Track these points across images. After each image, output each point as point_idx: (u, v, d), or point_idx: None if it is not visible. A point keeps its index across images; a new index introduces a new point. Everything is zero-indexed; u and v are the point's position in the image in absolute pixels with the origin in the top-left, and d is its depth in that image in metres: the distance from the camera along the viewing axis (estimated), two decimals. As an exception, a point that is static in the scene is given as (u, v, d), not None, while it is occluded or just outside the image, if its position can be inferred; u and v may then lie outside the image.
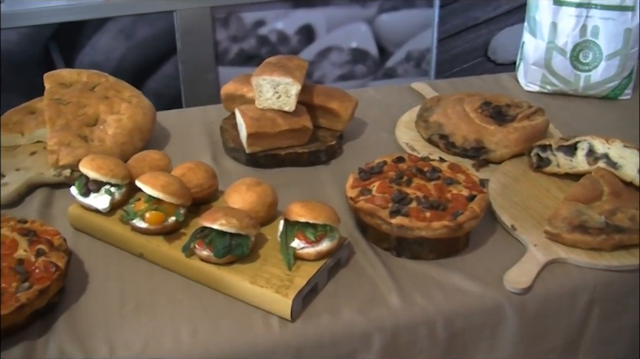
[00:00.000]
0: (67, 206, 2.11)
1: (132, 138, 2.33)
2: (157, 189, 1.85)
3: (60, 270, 1.72)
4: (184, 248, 1.81)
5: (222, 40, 3.78)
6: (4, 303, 1.63)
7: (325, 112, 2.44)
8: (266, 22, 3.83)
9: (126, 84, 2.52)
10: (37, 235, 1.82)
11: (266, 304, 1.73)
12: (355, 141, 2.53)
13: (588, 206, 1.98)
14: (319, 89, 2.47)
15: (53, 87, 2.46)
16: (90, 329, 1.71)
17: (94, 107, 2.38)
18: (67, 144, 2.24)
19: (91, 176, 1.96)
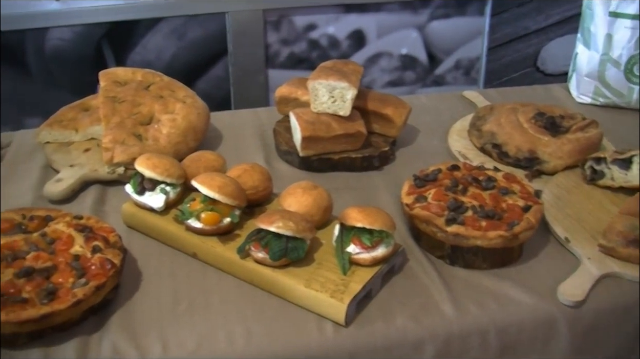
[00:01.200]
0: (120, 203, 2.11)
1: (186, 138, 2.33)
2: (214, 190, 1.84)
3: (116, 267, 1.72)
4: (239, 249, 1.81)
5: (272, 43, 3.78)
6: (60, 297, 1.63)
7: (379, 118, 2.43)
8: (317, 26, 3.83)
9: (180, 84, 2.53)
10: (93, 232, 1.83)
11: (320, 309, 1.72)
12: (408, 147, 2.52)
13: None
14: (373, 94, 2.46)
15: (108, 84, 2.47)
16: (144, 327, 1.71)
17: (149, 106, 2.39)
18: (122, 142, 2.25)
19: (147, 175, 1.96)
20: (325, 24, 3.83)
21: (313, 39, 3.85)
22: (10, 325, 1.58)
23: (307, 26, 3.80)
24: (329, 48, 3.89)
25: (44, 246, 1.79)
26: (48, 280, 1.69)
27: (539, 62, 4.34)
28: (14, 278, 1.68)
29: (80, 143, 2.43)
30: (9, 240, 1.82)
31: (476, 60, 4.20)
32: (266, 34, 3.74)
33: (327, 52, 3.88)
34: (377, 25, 3.93)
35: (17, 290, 1.65)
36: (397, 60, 4.06)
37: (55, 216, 1.91)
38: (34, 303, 1.62)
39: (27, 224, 1.88)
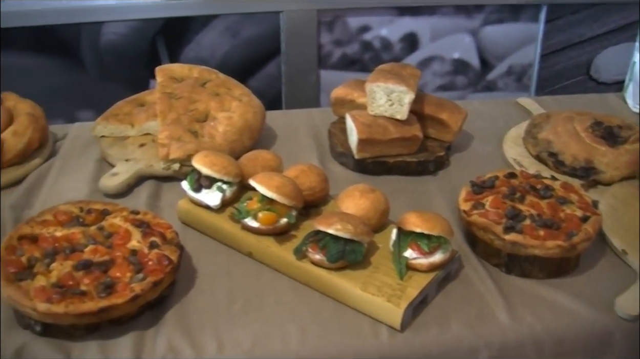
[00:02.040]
0: (174, 199, 2.12)
1: (242, 136, 2.33)
2: (272, 190, 1.84)
3: (173, 264, 1.72)
4: (296, 250, 1.81)
5: (325, 43, 3.78)
6: (118, 292, 1.64)
7: (435, 122, 2.42)
8: (371, 28, 3.82)
9: (236, 82, 2.53)
10: (150, 227, 1.83)
11: (376, 313, 1.72)
12: (462, 153, 2.50)
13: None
14: (429, 99, 2.45)
15: (164, 80, 2.48)
16: (199, 324, 1.71)
17: (205, 103, 2.39)
18: (178, 138, 2.26)
19: (204, 172, 1.97)
20: (378, 26, 3.82)
21: (366, 41, 3.84)
22: (69, 317, 1.59)
23: (361, 28, 3.79)
24: (381, 50, 3.88)
25: (102, 240, 1.80)
26: (106, 273, 1.69)
27: (592, 70, 4.30)
28: (73, 271, 1.69)
29: (135, 138, 2.44)
30: (67, 232, 1.83)
31: (528, 67, 4.16)
32: (319, 34, 3.73)
33: (380, 54, 3.87)
34: (431, 29, 3.91)
35: (76, 282, 1.66)
36: (449, 65, 4.04)
37: (112, 211, 1.92)
38: (92, 296, 1.63)
39: (84, 217, 1.89)
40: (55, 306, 1.59)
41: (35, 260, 1.73)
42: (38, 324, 1.64)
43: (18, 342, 1.66)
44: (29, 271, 1.70)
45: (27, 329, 1.68)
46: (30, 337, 1.67)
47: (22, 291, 1.63)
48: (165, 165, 2.23)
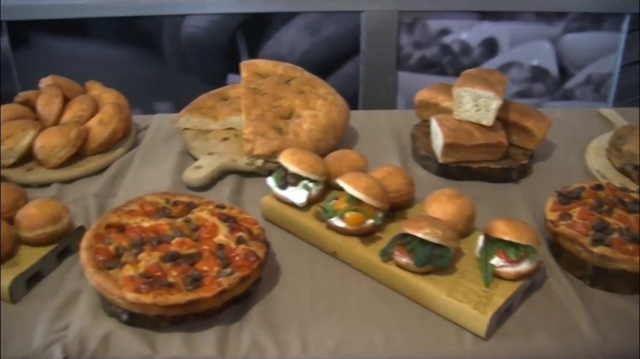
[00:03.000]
0: (256, 195, 2.13)
1: (326, 135, 2.33)
2: (360, 190, 1.83)
3: (260, 260, 1.72)
4: (382, 252, 1.79)
5: (405, 45, 3.76)
6: (205, 285, 1.64)
7: (519, 130, 2.39)
8: (451, 31, 3.79)
9: (320, 80, 2.53)
10: (237, 222, 1.83)
11: (461, 319, 1.70)
12: (544, 162, 2.47)
13: None
14: (515, 106, 2.42)
15: (249, 76, 2.48)
16: (283, 322, 1.70)
17: (290, 100, 2.39)
18: (262, 134, 2.26)
19: (291, 169, 1.96)
20: (458, 29, 3.79)
21: (445, 44, 3.82)
22: (156, 308, 1.60)
23: (441, 31, 3.77)
24: (460, 54, 3.85)
25: (188, 233, 1.81)
26: (193, 266, 1.70)
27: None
28: (160, 262, 1.69)
29: (218, 132, 2.45)
30: (154, 223, 1.83)
31: (608, 77, 4.10)
32: (399, 36, 3.71)
33: (458, 58, 3.85)
34: (510, 34, 3.87)
35: (163, 274, 1.66)
36: (527, 71, 3.99)
37: (198, 204, 1.92)
38: (179, 288, 1.63)
39: (170, 209, 1.90)
40: (143, 296, 1.59)
41: (123, 249, 1.74)
42: (125, 313, 1.65)
43: (104, 329, 1.67)
44: (116, 260, 1.71)
45: (112, 316, 1.69)
46: (116, 325, 1.68)
47: (111, 279, 1.64)
48: (249, 160, 2.24)
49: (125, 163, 2.38)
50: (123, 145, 2.45)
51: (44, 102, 2.45)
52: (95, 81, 2.67)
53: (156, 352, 1.62)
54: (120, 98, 2.53)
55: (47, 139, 2.30)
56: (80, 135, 2.32)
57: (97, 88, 2.61)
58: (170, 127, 2.57)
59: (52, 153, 2.29)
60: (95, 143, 2.36)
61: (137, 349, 1.63)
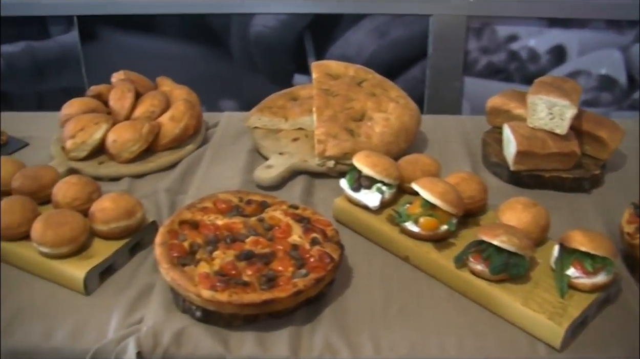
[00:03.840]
0: (327, 197, 2.13)
1: (398, 138, 2.32)
2: (435, 195, 1.82)
3: (335, 262, 1.72)
4: (456, 258, 1.78)
5: (472, 50, 3.73)
6: (280, 286, 1.64)
7: (592, 139, 2.36)
8: (519, 38, 3.75)
9: (392, 84, 2.52)
10: (311, 223, 1.83)
11: (535, 329, 1.67)
12: (616, 172, 2.43)
13: None
14: (588, 115, 2.39)
15: (321, 77, 2.48)
16: (356, 325, 1.70)
17: (362, 103, 2.38)
18: (334, 136, 2.25)
19: (365, 172, 1.96)
20: (527, 36, 3.75)
21: (513, 50, 3.78)
22: (231, 306, 1.60)
23: (509, 37, 3.73)
24: (527, 61, 3.81)
25: (262, 232, 1.81)
26: (267, 266, 1.70)
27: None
28: (235, 260, 1.69)
29: (288, 131, 2.46)
30: (228, 221, 1.84)
31: (677, 88, 4.03)
32: (467, 41, 3.69)
33: (526, 65, 3.80)
34: (579, 42, 3.82)
35: (238, 272, 1.67)
36: (595, 80, 3.94)
37: (271, 203, 1.92)
38: (254, 287, 1.63)
39: (244, 207, 1.90)
40: (219, 294, 1.60)
41: (197, 246, 1.75)
42: (199, 310, 1.65)
43: (177, 325, 1.67)
44: (191, 256, 1.72)
45: (185, 313, 1.70)
46: (189, 321, 1.68)
47: (187, 276, 1.65)
48: (320, 161, 2.23)
49: (196, 160, 2.40)
50: (193, 142, 2.46)
51: (116, 97, 2.47)
52: (166, 77, 2.68)
53: (229, 351, 1.62)
54: (192, 95, 2.54)
55: (119, 133, 2.32)
56: (152, 131, 2.34)
57: (167, 84, 2.63)
58: (239, 125, 2.58)
59: (124, 148, 2.30)
60: (167, 139, 2.38)
61: (210, 347, 1.63)
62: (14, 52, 4.04)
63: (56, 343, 1.69)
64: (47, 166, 2.16)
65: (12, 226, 1.89)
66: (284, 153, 2.31)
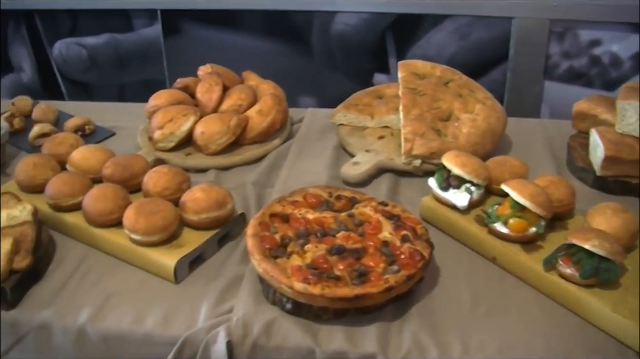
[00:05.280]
0: (413, 195, 2.14)
1: (484, 140, 2.31)
2: (525, 197, 1.82)
3: (425, 260, 1.72)
4: (546, 261, 1.77)
5: (553, 54, 3.70)
6: (372, 281, 1.65)
7: (681, 147, 2.33)
8: (602, 43, 3.71)
9: (479, 85, 2.52)
10: (401, 221, 1.84)
11: (624, 336, 1.66)
12: (701, 181, 2.39)
13: None
14: (677, 122, 2.36)
15: (407, 76, 2.49)
16: (443, 323, 1.70)
17: (448, 103, 2.38)
18: (421, 135, 2.26)
19: (455, 171, 1.96)
20: (609, 41, 3.71)
21: (595, 55, 3.74)
22: (323, 299, 1.61)
23: (592, 41, 3.69)
24: (609, 66, 3.76)
25: (353, 227, 1.82)
26: (359, 261, 1.71)
27: None
28: (327, 254, 1.71)
29: (373, 129, 2.47)
30: (318, 215, 1.85)
31: None
32: (549, 44, 3.66)
33: (608, 70, 3.76)
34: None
35: (330, 266, 1.68)
36: (678, 89, 3.88)
37: (360, 199, 1.94)
38: (346, 282, 1.65)
39: (333, 202, 1.92)
40: (311, 287, 1.61)
41: (289, 239, 1.77)
42: (289, 302, 1.67)
43: (267, 316, 1.70)
44: (282, 249, 1.74)
45: (275, 304, 1.72)
46: (279, 313, 1.70)
47: (279, 268, 1.67)
48: (406, 160, 2.24)
49: (282, 154, 2.42)
50: (279, 137, 2.48)
51: (203, 90, 2.50)
52: (251, 71, 2.71)
53: (318, 344, 1.64)
54: (278, 89, 2.57)
55: (207, 126, 2.35)
56: (240, 124, 2.37)
57: (254, 78, 2.66)
58: (323, 121, 2.60)
59: (212, 140, 2.33)
60: (254, 133, 2.40)
61: (299, 339, 1.65)
62: (97, 44, 4.11)
63: (146, 329, 1.72)
64: (137, 155, 2.20)
65: (104, 213, 1.93)
66: (370, 151, 2.32)
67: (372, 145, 2.36)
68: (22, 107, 2.83)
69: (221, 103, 2.47)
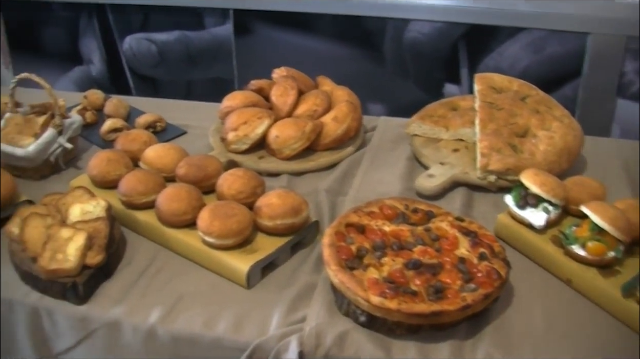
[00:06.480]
0: (487, 211, 2.12)
1: (561, 158, 2.28)
2: (606, 220, 1.79)
3: (502, 279, 1.71)
4: (624, 287, 1.74)
5: (628, 71, 3.65)
6: (449, 298, 1.63)
7: None
8: (678, 62, 3.66)
9: (556, 102, 2.48)
10: (479, 238, 1.82)
11: None
12: None
13: None
14: None
15: (484, 89, 2.46)
16: (518, 344, 1.68)
17: (525, 119, 2.35)
18: (498, 150, 2.23)
19: (533, 190, 1.94)
20: (686, 60, 3.66)
21: (671, 75, 3.68)
22: (399, 314, 1.60)
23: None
24: (683, 85, 3.71)
25: (429, 242, 1.81)
26: (435, 277, 1.69)
27: None
28: (404, 268, 1.69)
29: (448, 142, 2.44)
30: (395, 228, 1.84)
31: None
32: (624, 62, 3.60)
33: (681, 89, 3.71)
34: None
35: (406, 281, 1.67)
36: None
37: (436, 213, 1.92)
38: (422, 297, 1.63)
39: (409, 215, 1.91)
40: (388, 302, 1.60)
41: (365, 251, 1.75)
42: (364, 314, 1.66)
43: (340, 328, 1.69)
44: (358, 260, 1.73)
45: (348, 316, 1.71)
46: (351, 325, 1.70)
47: (356, 280, 1.66)
48: (482, 174, 2.22)
49: (355, 163, 2.41)
50: (353, 144, 2.48)
51: (278, 93, 2.50)
52: (325, 77, 2.70)
53: (391, 358, 1.62)
54: (353, 96, 2.56)
55: (282, 130, 2.35)
56: (315, 130, 2.36)
57: (328, 84, 2.65)
58: (396, 130, 2.59)
59: (286, 144, 2.33)
60: (328, 139, 2.40)
61: (372, 353, 1.64)
62: (168, 40, 4.13)
63: (217, 333, 1.73)
64: (211, 156, 2.20)
65: (177, 213, 1.94)
66: (445, 164, 2.30)
67: (446, 157, 2.34)
68: (94, 101, 2.85)
69: (296, 107, 2.46)
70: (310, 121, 2.36)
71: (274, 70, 2.68)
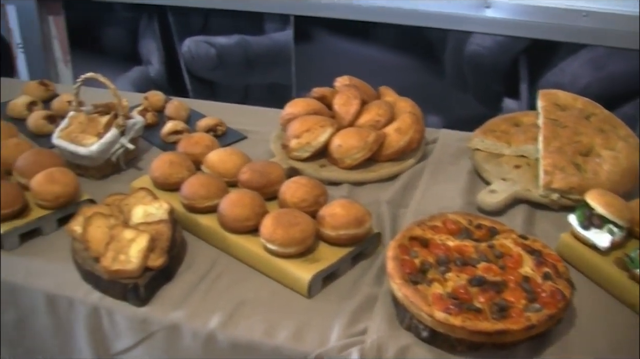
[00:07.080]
0: (548, 229, 2.10)
1: (625, 179, 2.26)
2: (673, 245, 1.77)
3: (566, 300, 1.69)
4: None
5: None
6: (513, 317, 1.62)
7: None
8: None
9: (621, 121, 2.46)
10: (543, 257, 1.80)
11: None
12: None
13: None
14: None
15: (548, 106, 2.45)
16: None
17: (590, 137, 2.33)
18: (562, 169, 2.22)
19: (598, 210, 1.92)
20: None
21: None
22: (463, 331, 1.59)
23: None
24: None
25: (493, 259, 1.79)
26: (499, 295, 1.68)
27: None
28: (468, 285, 1.69)
29: (510, 157, 2.43)
30: (459, 243, 1.83)
31: None
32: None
33: None
34: None
35: (470, 298, 1.66)
36: None
37: (500, 230, 1.91)
38: (486, 315, 1.62)
39: (473, 231, 1.89)
40: (452, 318, 1.59)
41: (429, 265, 1.75)
42: (426, 329, 1.65)
43: (401, 342, 1.68)
44: (421, 274, 1.72)
45: (409, 330, 1.70)
46: (413, 340, 1.69)
47: (420, 294, 1.65)
48: (544, 192, 2.20)
49: (416, 175, 2.40)
50: (414, 156, 2.47)
51: (341, 102, 2.50)
52: (388, 87, 2.70)
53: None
54: (416, 108, 2.56)
55: (345, 139, 2.35)
56: (378, 140, 2.36)
57: (391, 94, 2.65)
58: (457, 144, 2.58)
59: (348, 154, 2.33)
60: (390, 150, 2.39)
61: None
62: (227, 43, 4.16)
63: (277, 342, 1.72)
64: (273, 162, 2.21)
65: (240, 219, 1.94)
66: (507, 179, 2.29)
67: (508, 173, 2.33)
68: (154, 102, 2.87)
69: (358, 117, 2.46)
70: (373, 131, 2.36)
71: (337, 78, 2.68)
